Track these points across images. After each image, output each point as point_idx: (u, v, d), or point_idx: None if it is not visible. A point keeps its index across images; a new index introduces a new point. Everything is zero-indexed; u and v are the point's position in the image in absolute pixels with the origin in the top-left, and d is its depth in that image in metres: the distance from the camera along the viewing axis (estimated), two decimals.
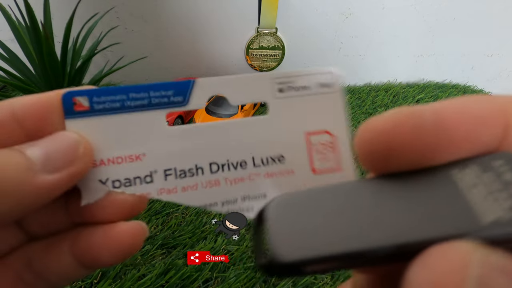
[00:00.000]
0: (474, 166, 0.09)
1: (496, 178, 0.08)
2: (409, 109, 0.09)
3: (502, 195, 0.08)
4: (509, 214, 0.08)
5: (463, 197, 0.08)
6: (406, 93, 0.68)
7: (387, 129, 0.09)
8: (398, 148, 0.09)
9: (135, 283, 0.30)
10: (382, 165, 0.10)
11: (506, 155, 0.09)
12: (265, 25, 0.65)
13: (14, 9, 0.35)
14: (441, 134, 0.09)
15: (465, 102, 0.09)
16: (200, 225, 0.36)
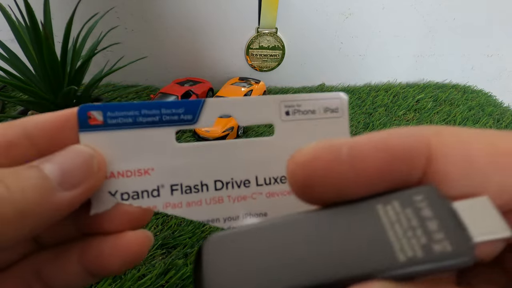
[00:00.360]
0: (396, 202, 0.09)
1: (415, 214, 0.09)
2: (328, 142, 0.10)
3: (418, 232, 0.08)
4: (421, 253, 0.08)
5: (384, 234, 0.09)
6: (406, 93, 0.68)
7: (306, 162, 0.09)
8: (316, 180, 0.09)
9: (135, 283, 0.30)
10: (307, 196, 0.10)
11: (426, 189, 0.09)
12: (265, 25, 0.65)
13: (14, 9, 0.35)
14: (357, 168, 0.09)
15: (385, 136, 0.09)
16: (200, 225, 0.36)
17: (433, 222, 0.08)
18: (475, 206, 0.09)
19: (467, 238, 0.08)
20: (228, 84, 0.62)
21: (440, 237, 0.08)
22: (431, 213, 0.09)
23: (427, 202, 0.09)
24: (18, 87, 0.33)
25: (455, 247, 0.08)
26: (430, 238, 0.08)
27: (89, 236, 0.13)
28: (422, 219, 0.09)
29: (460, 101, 0.65)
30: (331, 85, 0.73)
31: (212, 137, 0.49)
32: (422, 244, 0.08)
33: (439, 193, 0.09)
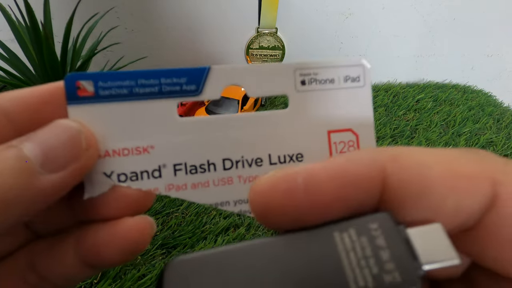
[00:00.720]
0: (352, 229, 0.09)
1: (369, 243, 0.09)
2: (285, 171, 0.10)
3: (371, 262, 0.09)
4: (372, 283, 0.08)
5: (339, 262, 0.09)
6: (406, 93, 0.68)
7: (263, 191, 0.10)
8: (273, 209, 0.09)
9: (135, 283, 0.30)
10: (268, 223, 0.10)
11: (381, 217, 0.09)
12: (265, 25, 0.65)
13: (14, 9, 0.35)
14: (313, 197, 0.09)
15: (341, 164, 0.09)
16: (200, 225, 0.36)
17: (385, 251, 0.09)
18: (428, 233, 0.09)
19: (417, 268, 0.08)
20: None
21: (391, 268, 0.08)
22: (384, 242, 0.09)
23: (381, 230, 0.09)
24: (18, 87, 0.33)
25: (404, 277, 0.08)
26: (381, 268, 0.08)
27: (85, 224, 0.12)
28: (376, 248, 0.09)
29: (460, 101, 0.65)
30: None
31: None
32: (374, 274, 0.08)
33: (394, 221, 0.09)
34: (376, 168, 0.09)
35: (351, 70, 0.13)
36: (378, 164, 0.09)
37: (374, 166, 0.09)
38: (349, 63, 0.13)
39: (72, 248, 0.12)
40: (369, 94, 0.13)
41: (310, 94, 0.13)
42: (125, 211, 0.12)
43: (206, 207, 0.38)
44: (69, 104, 0.11)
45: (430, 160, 0.09)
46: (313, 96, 0.13)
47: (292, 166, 0.10)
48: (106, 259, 0.11)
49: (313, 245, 0.09)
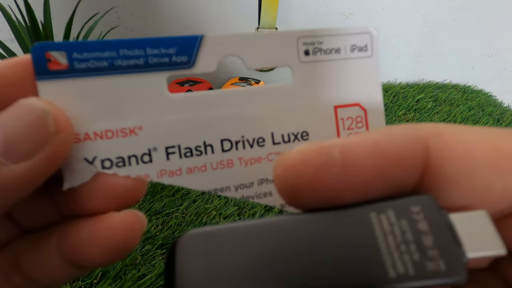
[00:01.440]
0: (391, 211, 0.09)
1: (410, 227, 0.08)
2: (318, 145, 0.09)
3: (412, 247, 0.08)
4: (413, 270, 0.08)
5: (376, 245, 0.08)
6: (406, 93, 0.68)
7: (294, 166, 0.09)
8: (306, 185, 0.09)
9: (135, 283, 0.30)
10: (296, 201, 0.09)
11: (424, 199, 0.09)
12: (265, 25, 0.65)
13: (14, 9, 0.35)
14: (349, 173, 0.08)
15: (380, 138, 0.09)
16: (200, 225, 0.36)
17: (428, 237, 0.08)
18: (472, 220, 0.08)
19: (461, 256, 0.08)
20: (228, 84, 0.62)
21: (434, 255, 0.08)
22: (427, 227, 0.08)
23: (424, 214, 0.08)
24: None
25: (448, 266, 0.08)
26: (424, 254, 0.08)
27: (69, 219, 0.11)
28: (418, 232, 0.08)
29: (460, 101, 0.65)
30: None
31: None
32: (415, 260, 0.08)
33: (437, 205, 0.08)
34: (419, 145, 0.08)
35: (358, 39, 0.11)
36: (421, 140, 0.08)
37: (417, 142, 0.08)
38: (355, 30, 0.11)
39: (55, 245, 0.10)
40: (377, 65, 0.12)
41: (314, 65, 0.11)
42: (111, 203, 0.10)
43: (206, 207, 0.38)
44: (39, 79, 0.10)
45: (475, 139, 0.08)
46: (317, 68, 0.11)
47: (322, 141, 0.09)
48: (90, 259, 0.10)
49: (346, 225, 0.09)
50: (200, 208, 0.38)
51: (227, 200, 0.40)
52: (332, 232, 0.08)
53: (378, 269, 0.08)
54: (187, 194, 0.41)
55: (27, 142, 0.09)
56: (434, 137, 0.09)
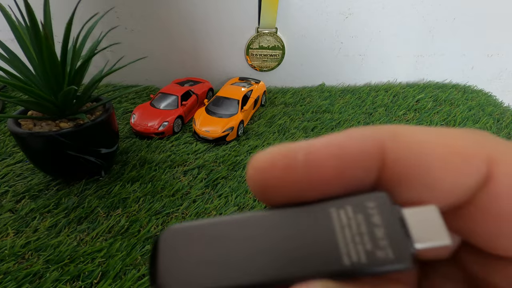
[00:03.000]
0: (349, 206, 0.09)
1: (365, 221, 0.09)
2: (284, 147, 0.10)
3: (366, 238, 0.09)
4: (365, 258, 0.09)
5: (334, 237, 0.09)
6: (406, 93, 0.68)
7: (263, 168, 0.10)
8: (273, 185, 0.09)
9: (135, 283, 0.30)
10: (266, 199, 0.10)
11: (380, 196, 0.09)
12: (265, 25, 0.65)
13: (14, 9, 0.35)
14: (312, 174, 0.09)
15: (341, 140, 0.09)
16: None
17: (380, 229, 0.09)
18: (423, 214, 0.09)
19: (409, 246, 0.09)
20: (228, 84, 0.62)
21: (384, 244, 0.09)
22: (380, 220, 0.09)
23: (378, 209, 0.09)
24: (18, 87, 0.33)
25: (396, 254, 0.09)
26: (375, 244, 0.09)
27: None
28: (371, 225, 0.09)
29: (460, 101, 0.65)
30: (331, 85, 0.73)
31: (212, 137, 0.49)
32: (367, 250, 0.09)
33: (390, 201, 0.09)
34: (375, 145, 0.09)
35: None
36: (378, 141, 0.09)
37: (374, 143, 0.09)
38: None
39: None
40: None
41: None
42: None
43: (206, 207, 0.38)
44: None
45: (429, 139, 0.09)
46: None
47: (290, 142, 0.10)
48: None
49: (308, 219, 0.09)
50: (200, 208, 0.38)
51: (227, 200, 0.40)
52: (295, 225, 0.09)
53: (334, 258, 0.09)
54: (187, 194, 0.41)
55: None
56: (389, 138, 0.09)
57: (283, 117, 0.59)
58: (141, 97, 0.63)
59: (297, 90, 0.70)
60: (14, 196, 0.38)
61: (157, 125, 0.50)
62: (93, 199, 0.38)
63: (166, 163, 0.45)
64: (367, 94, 0.68)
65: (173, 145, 0.50)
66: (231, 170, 0.45)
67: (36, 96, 0.35)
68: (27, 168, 0.43)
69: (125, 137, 0.51)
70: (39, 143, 0.36)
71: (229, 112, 0.53)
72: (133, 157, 0.46)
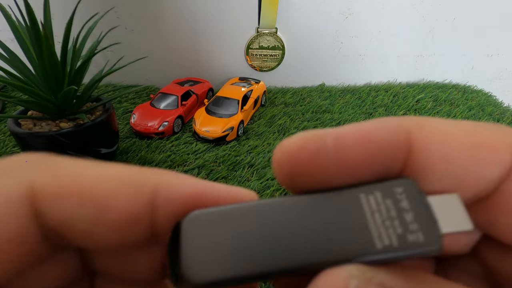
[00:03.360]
0: (378, 192, 0.10)
1: (394, 205, 0.09)
2: (313, 133, 0.10)
3: (396, 222, 0.09)
4: (397, 241, 0.09)
5: (365, 221, 0.09)
6: (406, 93, 0.68)
7: (292, 152, 0.10)
8: (301, 170, 0.10)
9: None
10: (292, 185, 0.10)
11: (406, 182, 0.10)
12: (265, 25, 0.65)
13: (14, 9, 0.35)
14: (341, 160, 0.09)
15: (369, 128, 0.10)
16: None
17: (409, 214, 0.09)
18: (446, 201, 0.09)
19: (437, 230, 0.09)
20: (228, 84, 0.62)
21: (414, 228, 0.09)
22: (409, 206, 0.09)
23: (406, 194, 0.09)
24: (18, 87, 0.33)
25: (426, 237, 0.09)
26: (405, 228, 0.09)
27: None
28: (400, 210, 0.09)
29: (460, 101, 0.65)
30: (331, 85, 0.73)
31: (212, 137, 0.49)
32: (398, 233, 0.09)
33: (417, 187, 0.10)
34: (402, 134, 0.09)
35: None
36: (404, 129, 0.09)
37: (401, 132, 0.09)
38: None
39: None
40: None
41: None
42: None
43: None
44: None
45: (453, 130, 0.09)
46: None
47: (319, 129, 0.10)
48: None
49: (338, 203, 0.10)
50: None
51: None
52: (324, 210, 0.10)
53: (367, 242, 0.09)
54: None
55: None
56: (416, 128, 0.09)
57: (283, 117, 0.59)
58: (141, 97, 0.63)
59: (297, 90, 0.70)
60: None
61: (157, 125, 0.50)
62: None
63: (166, 163, 0.45)
64: (367, 94, 0.68)
65: (173, 145, 0.50)
66: (231, 170, 0.45)
67: (36, 96, 0.35)
68: None
69: (125, 137, 0.51)
70: (39, 143, 0.36)
71: (229, 112, 0.53)
72: (133, 157, 0.46)
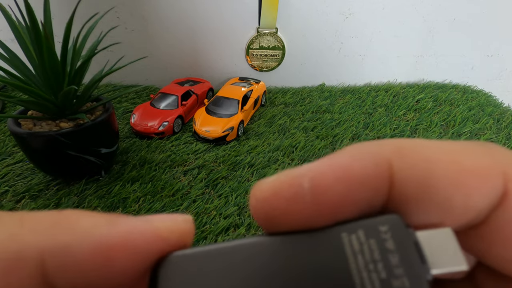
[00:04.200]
0: (361, 231, 0.09)
1: (378, 246, 0.09)
2: (288, 175, 0.09)
3: (380, 266, 0.08)
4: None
5: (347, 265, 0.09)
6: (406, 93, 0.68)
7: (266, 198, 0.09)
8: (277, 216, 0.09)
9: None
10: (271, 229, 0.09)
11: (393, 219, 0.09)
12: (265, 25, 0.65)
13: (14, 9, 0.35)
14: (319, 201, 0.09)
15: (345, 162, 0.09)
16: (200, 225, 0.36)
17: (394, 255, 0.08)
18: (437, 237, 0.09)
19: (425, 273, 0.08)
20: (228, 84, 0.62)
21: (399, 273, 0.08)
22: (394, 246, 0.09)
23: (391, 233, 0.09)
24: (18, 87, 0.33)
25: (412, 284, 0.08)
26: (390, 272, 0.08)
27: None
28: (385, 251, 0.09)
29: (460, 101, 0.65)
30: (331, 85, 0.73)
31: (212, 137, 0.49)
32: (382, 278, 0.08)
33: (404, 223, 0.09)
34: (382, 165, 0.09)
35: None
36: (384, 160, 0.09)
37: (381, 163, 0.09)
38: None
39: None
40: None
41: None
42: None
43: (206, 207, 0.38)
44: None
45: (437, 155, 0.09)
46: None
47: (294, 168, 0.09)
48: None
49: (318, 245, 0.09)
50: (200, 208, 0.38)
51: (227, 200, 0.40)
52: (304, 252, 0.09)
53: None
54: (187, 194, 0.41)
55: None
56: (396, 156, 0.09)
57: (283, 117, 0.59)
58: (141, 97, 0.63)
59: (297, 90, 0.70)
60: (14, 196, 0.38)
61: (157, 125, 0.50)
62: (93, 199, 0.38)
63: (166, 163, 0.45)
64: (367, 94, 0.68)
65: (173, 145, 0.50)
66: (231, 170, 0.45)
67: (36, 96, 0.35)
68: (27, 168, 0.43)
69: (125, 137, 0.51)
70: (39, 143, 0.36)
71: (229, 112, 0.53)
72: (133, 157, 0.46)
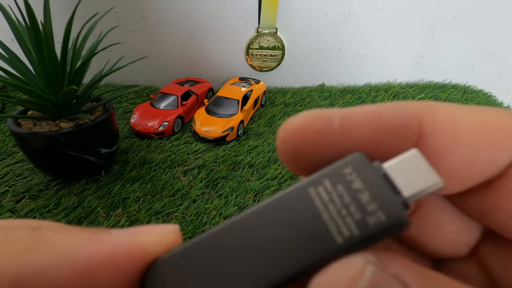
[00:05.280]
0: (326, 180, 0.09)
1: (346, 189, 0.09)
2: (320, 111, 0.09)
3: (352, 208, 0.08)
4: (357, 230, 0.08)
5: (320, 218, 0.08)
6: (406, 93, 0.68)
7: (297, 130, 0.09)
8: (305, 148, 0.09)
9: None
10: (295, 164, 0.10)
11: (354, 158, 0.09)
12: (265, 25, 0.65)
13: (14, 9, 0.35)
14: (347, 139, 0.09)
15: (378, 109, 0.09)
16: (200, 225, 0.36)
17: (364, 193, 0.08)
18: (406, 162, 0.09)
19: (400, 200, 0.08)
20: (228, 84, 0.62)
21: (373, 208, 0.08)
22: (361, 184, 0.08)
23: (356, 173, 0.09)
24: (18, 87, 0.33)
25: (389, 214, 0.08)
26: (363, 211, 0.08)
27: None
28: (354, 192, 0.08)
29: (460, 101, 0.65)
30: (331, 85, 0.73)
31: (212, 137, 0.49)
32: (357, 219, 0.08)
33: (367, 159, 0.09)
34: (413, 118, 0.09)
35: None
36: (416, 114, 0.09)
37: (412, 116, 0.09)
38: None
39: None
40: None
41: None
42: None
43: (206, 207, 0.38)
44: None
45: (465, 114, 0.09)
46: None
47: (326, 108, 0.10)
48: None
49: (290, 209, 0.09)
50: (200, 208, 0.38)
51: (227, 200, 0.40)
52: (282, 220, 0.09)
53: (326, 240, 0.08)
54: (187, 194, 0.41)
55: None
56: (427, 112, 0.09)
57: (283, 117, 0.59)
58: (141, 97, 0.63)
59: (297, 90, 0.70)
60: (14, 196, 0.38)
61: (157, 125, 0.50)
62: (93, 199, 0.38)
63: (166, 163, 0.45)
64: (367, 94, 0.68)
65: (173, 145, 0.50)
66: (231, 170, 0.45)
67: (36, 96, 0.35)
68: (27, 168, 0.43)
69: (125, 137, 0.51)
70: (39, 143, 0.36)
71: (229, 112, 0.53)
72: (133, 157, 0.46)
